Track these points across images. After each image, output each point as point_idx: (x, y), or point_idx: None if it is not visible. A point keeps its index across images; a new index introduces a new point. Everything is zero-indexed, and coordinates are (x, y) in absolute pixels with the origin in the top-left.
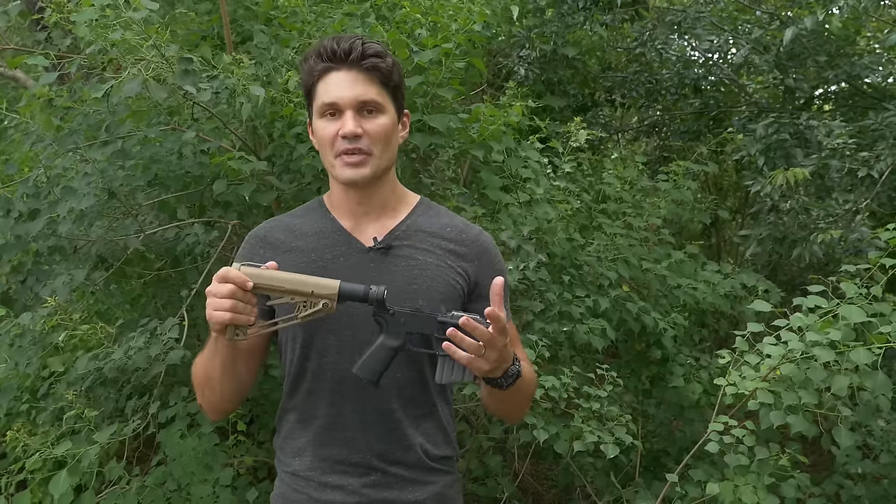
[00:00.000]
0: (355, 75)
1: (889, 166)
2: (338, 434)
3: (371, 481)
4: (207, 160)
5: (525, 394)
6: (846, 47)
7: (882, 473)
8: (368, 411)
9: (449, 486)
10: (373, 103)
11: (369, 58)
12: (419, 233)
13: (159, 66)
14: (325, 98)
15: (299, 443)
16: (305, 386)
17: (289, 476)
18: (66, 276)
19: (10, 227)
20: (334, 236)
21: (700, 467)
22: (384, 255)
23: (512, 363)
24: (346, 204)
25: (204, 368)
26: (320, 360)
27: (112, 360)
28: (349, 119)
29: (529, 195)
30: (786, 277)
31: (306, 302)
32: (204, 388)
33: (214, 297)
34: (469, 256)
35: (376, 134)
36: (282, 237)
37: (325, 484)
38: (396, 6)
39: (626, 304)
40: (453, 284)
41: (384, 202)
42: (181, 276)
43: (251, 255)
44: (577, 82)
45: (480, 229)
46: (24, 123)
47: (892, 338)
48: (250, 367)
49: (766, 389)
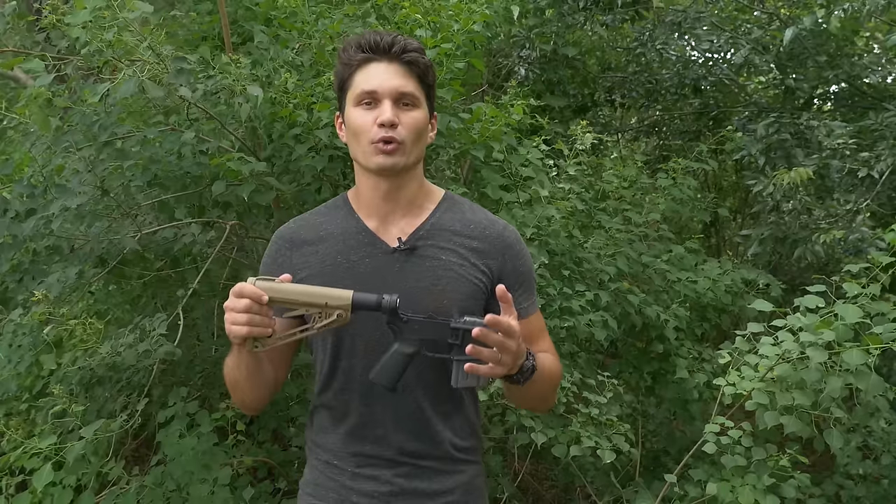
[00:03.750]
0: (396, 68)
1: (889, 166)
2: (369, 432)
3: (402, 472)
4: (206, 161)
5: (547, 386)
6: (846, 47)
7: (882, 474)
8: (400, 409)
9: (476, 475)
10: (410, 96)
11: (411, 52)
12: (443, 231)
13: (154, 67)
14: (365, 86)
15: (331, 438)
16: (336, 385)
17: (322, 464)
18: (59, 273)
19: (7, 227)
20: (359, 237)
21: (700, 467)
22: (409, 256)
23: (526, 358)
24: (372, 200)
25: (231, 373)
26: (350, 360)
27: (100, 354)
28: (388, 107)
29: (531, 195)
30: (786, 277)
31: (321, 313)
32: (235, 391)
33: (232, 312)
34: (492, 253)
35: (412, 126)
36: (308, 237)
37: (358, 474)
38: (397, 6)
39: (628, 296)
40: (476, 283)
41: (411, 198)
42: (180, 276)
43: (277, 257)
44: (577, 82)
45: (506, 223)
46: (23, 124)
47: (886, 339)
48: (279, 368)
49: (763, 390)
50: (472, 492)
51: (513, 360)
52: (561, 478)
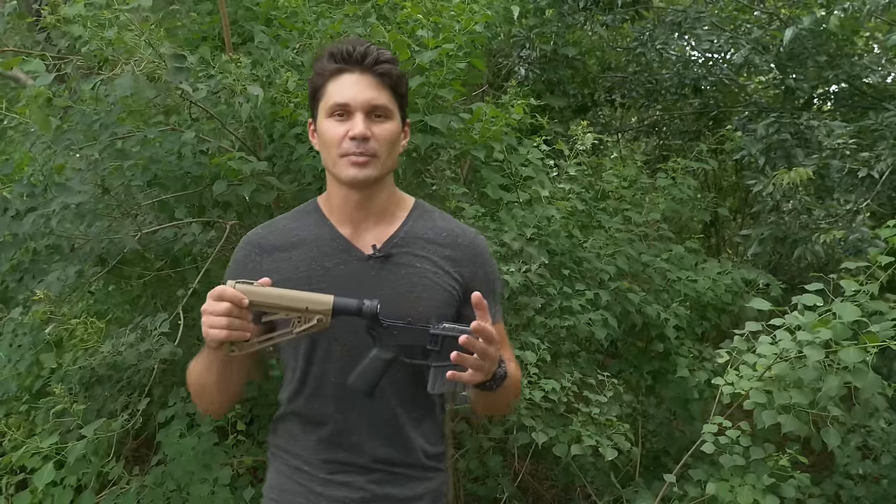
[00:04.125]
0: (369, 79)
1: (889, 166)
2: (344, 439)
3: (375, 479)
4: (207, 160)
5: (512, 392)
6: (846, 47)
7: (882, 474)
8: (375, 416)
9: (443, 483)
10: (383, 108)
11: (384, 63)
12: (417, 239)
13: (153, 64)
14: (337, 98)
15: (302, 445)
16: (308, 391)
17: (290, 469)
18: (59, 272)
19: (7, 226)
20: (334, 244)
21: (700, 467)
22: (384, 264)
23: (499, 365)
24: (344, 208)
25: (200, 377)
26: (323, 365)
27: (101, 354)
28: (360, 121)
29: (531, 195)
30: (786, 277)
31: (301, 317)
32: (201, 395)
33: (210, 315)
34: (464, 261)
35: (384, 138)
36: (279, 243)
37: (330, 481)
38: (398, 6)
39: (628, 295)
40: (450, 290)
41: (383, 207)
42: (181, 276)
43: (246, 262)
44: (577, 82)
45: (475, 232)
46: (23, 123)
47: (882, 337)
48: (243, 378)
49: (761, 389)
50: (439, 498)
51: (491, 366)
52: (561, 478)
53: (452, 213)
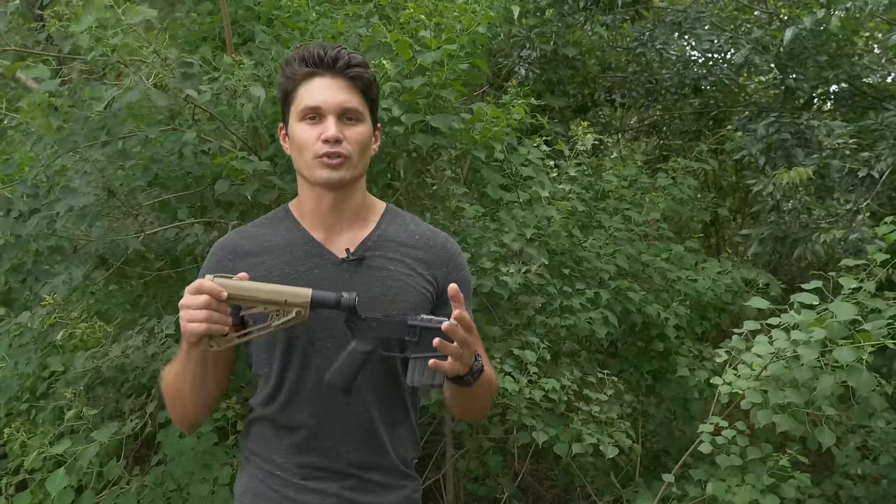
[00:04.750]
0: (340, 83)
1: (889, 166)
2: (318, 444)
3: (349, 485)
4: (208, 160)
5: (487, 390)
6: (846, 47)
7: (881, 474)
8: (350, 420)
9: (416, 490)
10: (354, 112)
11: (355, 67)
12: (390, 242)
13: (160, 72)
14: (309, 102)
15: (275, 449)
16: (283, 397)
17: (263, 473)
18: (65, 274)
19: (10, 227)
20: (306, 248)
21: (700, 467)
22: (357, 267)
23: (475, 359)
24: (317, 212)
25: (174, 383)
26: (300, 370)
27: (109, 358)
28: (332, 124)
29: (531, 195)
30: (786, 277)
31: (279, 311)
32: (175, 404)
33: (189, 309)
34: (437, 264)
35: (356, 140)
36: (251, 248)
37: (303, 486)
38: (400, 6)
39: (628, 293)
40: (423, 293)
41: (356, 211)
42: (181, 276)
43: (219, 267)
44: (577, 82)
45: (447, 236)
46: (24, 124)
47: (877, 335)
48: (219, 380)
49: (757, 389)
50: None
51: (470, 357)
52: (561, 478)
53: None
